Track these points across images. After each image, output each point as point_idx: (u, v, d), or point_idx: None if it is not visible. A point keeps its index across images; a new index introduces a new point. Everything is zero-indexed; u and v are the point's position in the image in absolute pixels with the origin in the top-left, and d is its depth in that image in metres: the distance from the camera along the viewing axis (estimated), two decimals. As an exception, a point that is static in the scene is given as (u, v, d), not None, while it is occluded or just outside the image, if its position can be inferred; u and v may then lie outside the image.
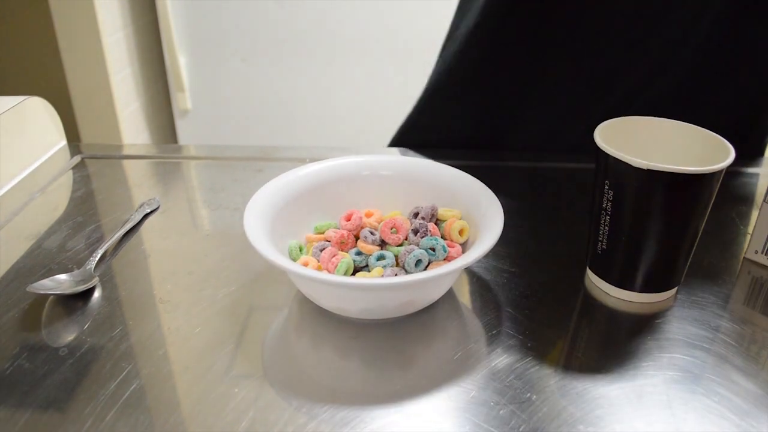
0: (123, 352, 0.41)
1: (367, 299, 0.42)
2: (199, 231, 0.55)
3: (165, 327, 0.43)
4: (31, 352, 0.41)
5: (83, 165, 0.67)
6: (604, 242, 0.45)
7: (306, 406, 0.37)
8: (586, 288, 0.47)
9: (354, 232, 0.48)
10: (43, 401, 0.37)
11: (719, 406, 0.37)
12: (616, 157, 0.41)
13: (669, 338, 0.42)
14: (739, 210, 0.58)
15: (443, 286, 0.44)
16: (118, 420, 0.36)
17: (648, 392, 0.38)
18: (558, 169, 0.66)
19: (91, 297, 0.46)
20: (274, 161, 0.68)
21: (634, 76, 0.65)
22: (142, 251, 0.52)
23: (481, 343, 0.42)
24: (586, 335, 0.43)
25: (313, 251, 0.46)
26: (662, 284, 0.45)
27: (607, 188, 0.43)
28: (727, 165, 0.40)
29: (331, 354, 0.41)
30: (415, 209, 0.50)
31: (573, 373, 0.39)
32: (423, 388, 0.38)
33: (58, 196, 0.61)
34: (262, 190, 0.47)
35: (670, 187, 0.40)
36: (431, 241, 0.45)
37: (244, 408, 0.37)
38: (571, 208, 0.58)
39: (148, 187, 0.63)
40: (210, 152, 0.70)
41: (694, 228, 0.42)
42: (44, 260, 0.50)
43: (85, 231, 0.54)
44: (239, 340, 0.42)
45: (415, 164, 0.52)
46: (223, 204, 0.59)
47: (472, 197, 0.48)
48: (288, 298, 0.46)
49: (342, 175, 0.51)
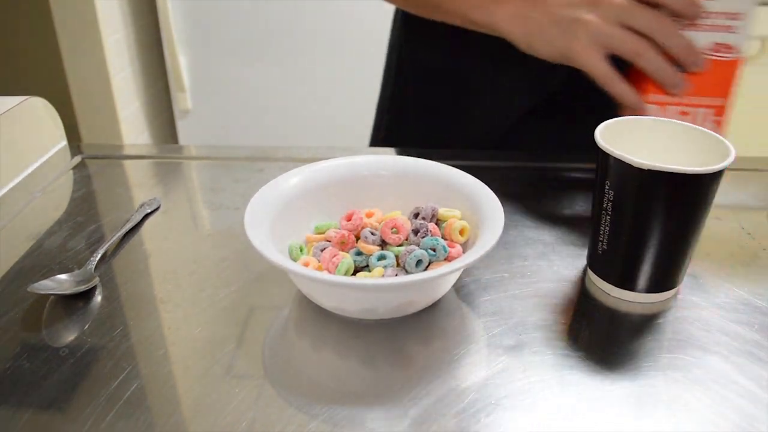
0: (123, 352, 0.41)
1: (367, 299, 0.42)
2: (199, 231, 0.55)
3: (165, 327, 0.43)
4: (32, 352, 0.41)
5: (84, 165, 0.67)
6: (605, 242, 0.45)
7: (306, 406, 0.37)
8: (587, 288, 0.47)
9: (354, 232, 0.48)
10: (44, 401, 0.37)
11: (719, 406, 0.37)
12: (617, 157, 0.41)
13: (669, 338, 0.42)
14: (740, 210, 0.58)
15: (444, 287, 0.44)
16: (118, 420, 0.36)
17: (648, 392, 0.38)
18: (558, 169, 0.66)
19: (91, 297, 0.46)
20: (274, 161, 0.68)
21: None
22: (143, 251, 0.52)
23: (481, 344, 0.42)
24: (587, 335, 0.43)
25: (313, 251, 0.46)
26: (663, 284, 0.45)
27: (607, 188, 0.43)
28: (727, 165, 0.40)
29: (331, 354, 0.41)
30: (416, 209, 0.50)
31: (573, 373, 0.39)
32: (423, 388, 0.38)
33: (59, 196, 0.61)
34: (262, 190, 0.47)
35: (670, 188, 0.40)
36: (432, 242, 0.45)
37: (244, 408, 0.37)
38: (572, 208, 0.58)
39: (149, 187, 0.63)
40: (210, 152, 0.70)
41: (694, 228, 0.42)
42: (45, 260, 0.50)
43: (86, 231, 0.54)
44: (239, 340, 0.42)
45: (416, 164, 0.52)
46: (224, 204, 0.59)
47: (472, 197, 0.48)
48: (288, 298, 0.46)
49: (342, 175, 0.51)
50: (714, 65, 0.53)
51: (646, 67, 0.51)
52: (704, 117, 0.55)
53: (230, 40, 1.73)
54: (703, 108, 0.54)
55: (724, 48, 0.52)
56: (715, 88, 0.54)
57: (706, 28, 0.52)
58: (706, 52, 0.52)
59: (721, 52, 0.52)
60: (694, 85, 0.53)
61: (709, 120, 0.55)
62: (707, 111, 0.54)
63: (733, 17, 0.51)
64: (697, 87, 0.53)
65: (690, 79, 0.53)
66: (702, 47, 0.52)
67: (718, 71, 0.53)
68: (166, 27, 1.69)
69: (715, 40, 0.52)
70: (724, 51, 0.52)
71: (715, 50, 0.52)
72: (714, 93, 0.54)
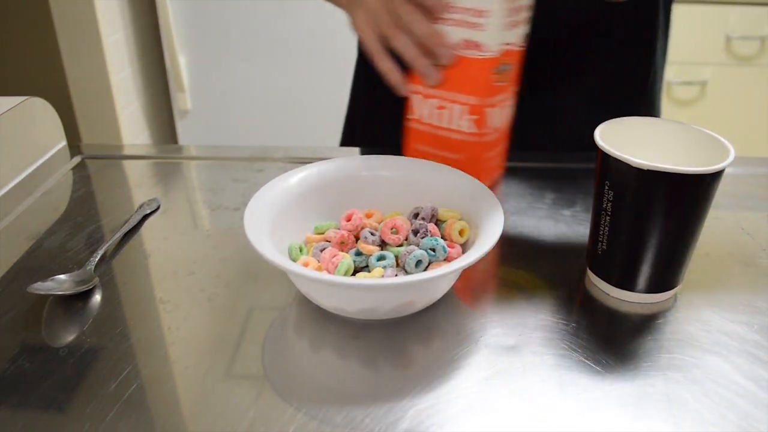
0: (123, 353, 0.41)
1: (367, 299, 0.42)
2: (199, 231, 0.55)
3: (165, 327, 0.43)
4: (32, 353, 0.41)
5: (83, 165, 0.67)
6: (605, 243, 0.45)
7: (306, 406, 0.37)
8: (587, 288, 0.47)
9: (354, 233, 0.48)
10: (44, 401, 0.37)
11: (719, 406, 0.37)
12: (617, 157, 0.41)
13: (669, 339, 0.42)
14: (740, 210, 0.58)
15: (443, 287, 0.44)
16: (118, 420, 0.36)
17: (648, 392, 0.38)
18: (558, 169, 0.66)
19: (91, 297, 0.46)
20: (274, 161, 0.68)
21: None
22: (143, 251, 0.52)
23: (481, 344, 0.42)
24: (587, 336, 0.43)
25: (313, 251, 0.46)
26: (662, 285, 0.45)
27: (607, 188, 0.43)
28: (727, 165, 0.40)
29: (331, 354, 0.41)
30: (416, 210, 0.50)
31: (573, 373, 0.39)
32: (423, 388, 0.38)
33: (59, 196, 0.61)
34: (262, 190, 0.47)
35: (670, 188, 0.40)
36: (431, 242, 0.45)
37: (244, 408, 0.37)
38: (571, 209, 0.58)
39: (149, 188, 0.63)
40: (210, 152, 0.70)
41: (694, 228, 0.42)
42: (44, 260, 0.50)
43: (86, 231, 0.54)
44: (239, 340, 0.42)
45: (416, 165, 0.52)
46: (224, 204, 0.59)
47: (472, 198, 0.48)
48: (288, 298, 0.46)
49: (342, 176, 0.51)
50: (466, 63, 0.52)
51: (402, 53, 0.53)
52: (460, 114, 0.54)
53: (230, 40, 1.73)
54: (459, 105, 0.54)
55: (474, 46, 0.51)
56: (468, 85, 0.53)
57: (453, 23, 0.51)
58: (456, 48, 0.52)
59: (472, 49, 0.51)
60: (449, 80, 0.53)
61: (464, 118, 0.54)
62: (462, 108, 0.54)
63: (479, 14, 0.50)
64: (451, 83, 0.53)
65: (445, 74, 0.53)
66: (452, 43, 0.52)
67: (471, 69, 0.52)
68: (166, 27, 1.69)
69: (464, 37, 0.51)
70: (474, 49, 0.51)
71: (465, 47, 0.52)
72: (467, 91, 0.53)
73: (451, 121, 0.55)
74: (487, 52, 0.51)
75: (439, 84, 0.54)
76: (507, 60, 0.54)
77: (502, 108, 0.57)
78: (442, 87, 0.54)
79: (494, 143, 0.58)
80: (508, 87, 0.57)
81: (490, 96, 0.54)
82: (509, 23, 0.52)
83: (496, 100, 0.55)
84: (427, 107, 0.56)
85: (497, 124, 0.57)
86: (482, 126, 0.55)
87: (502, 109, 0.57)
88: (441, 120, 0.56)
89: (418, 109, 0.57)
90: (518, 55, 0.56)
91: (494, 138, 0.57)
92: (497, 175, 0.62)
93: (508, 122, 0.60)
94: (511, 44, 0.54)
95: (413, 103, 0.57)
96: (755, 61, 1.79)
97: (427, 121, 0.57)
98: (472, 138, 0.55)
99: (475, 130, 0.55)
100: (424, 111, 0.57)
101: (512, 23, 0.53)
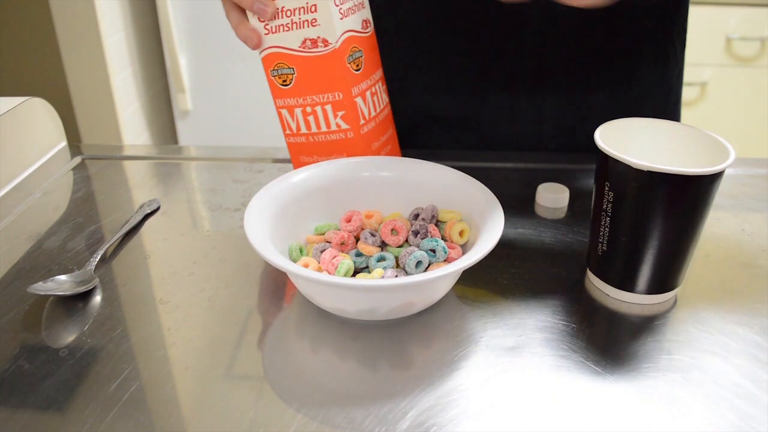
0: (123, 353, 0.41)
1: (367, 300, 0.42)
2: (199, 231, 0.55)
3: (165, 327, 0.43)
4: (32, 353, 0.41)
5: (83, 166, 0.67)
6: (605, 244, 0.45)
7: (306, 407, 0.37)
8: (587, 289, 0.47)
9: (354, 234, 0.48)
10: (44, 402, 0.37)
11: (719, 407, 0.37)
12: (617, 158, 0.41)
13: (669, 340, 0.42)
14: (740, 211, 0.58)
15: (443, 288, 0.44)
16: (118, 420, 0.36)
17: (648, 393, 0.38)
18: (558, 170, 0.66)
19: (91, 298, 0.46)
20: (275, 162, 0.68)
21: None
22: (143, 252, 0.52)
23: (481, 345, 0.42)
24: (587, 337, 0.43)
25: (313, 252, 0.46)
26: (663, 286, 0.45)
27: (607, 189, 0.43)
28: (727, 166, 0.40)
29: (331, 355, 0.41)
30: (416, 210, 0.50)
31: (573, 374, 0.39)
32: (423, 389, 0.38)
33: (59, 196, 0.61)
34: (262, 190, 0.47)
35: (670, 188, 0.40)
36: (431, 243, 0.45)
37: (244, 408, 0.37)
38: (572, 209, 0.58)
39: (149, 188, 0.63)
40: (210, 153, 0.70)
41: (694, 229, 0.43)
42: (44, 261, 0.50)
43: (86, 232, 0.54)
44: (239, 341, 0.42)
45: (416, 165, 0.52)
46: (224, 205, 0.59)
47: (472, 198, 0.48)
48: (288, 298, 0.46)
49: (342, 177, 0.51)
50: (317, 62, 0.52)
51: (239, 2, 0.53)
52: (329, 114, 0.54)
53: (230, 40, 1.73)
54: (323, 105, 0.54)
55: (317, 42, 0.51)
56: (327, 83, 0.53)
57: (289, 27, 0.51)
58: (303, 51, 0.52)
59: (317, 47, 0.51)
60: (306, 84, 0.53)
61: (336, 116, 0.54)
62: (329, 107, 0.54)
63: (309, 11, 0.50)
64: (310, 86, 0.53)
65: (301, 79, 0.53)
66: (295, 46, 0.52)
67: (323, 67, 0.52)
68: (166, 27, 1.69)
69: (305, 36, 0.51)
70: (320, 45, 0.51)
71: (312, 46, 0.51)
72: (327, 89, 0.53)
73: (321, 124, 0.55)
74: (331, 45, 0.51)
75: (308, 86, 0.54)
76: (355, 47, 0.54)
77: (372, 95, 0.56)
78: (302, 93, 0.54)
79: (377, 132, 0.57)
80: (368, 73, 0.56)
81: (351, 86, 0.53)
82: (344, 11, 0.52)
83: (360, 89, 0.54)
84: (295, 119, 0.56)
85: (373, 113, 0.56)
86: (355, 119, 0.54)
87: (372, 96, 0.56)
88: (312, 126, 0.56)
89: (288, 123, 0.56)
90: (366, 39, 0.56)
91: (374, 126, 0.57)
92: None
93: (385, 107, 0.59)
94: (354, 31, 0.53)
95: (282, 119, 0.56)
96: (755, 63, 1.79)
97: (302, 132, 0.56)
98: (351, 133, 0.55)
99: (349, 125, 0.54)
100: (293, 124, 0.56)
101: (349, 10, 0.52)
